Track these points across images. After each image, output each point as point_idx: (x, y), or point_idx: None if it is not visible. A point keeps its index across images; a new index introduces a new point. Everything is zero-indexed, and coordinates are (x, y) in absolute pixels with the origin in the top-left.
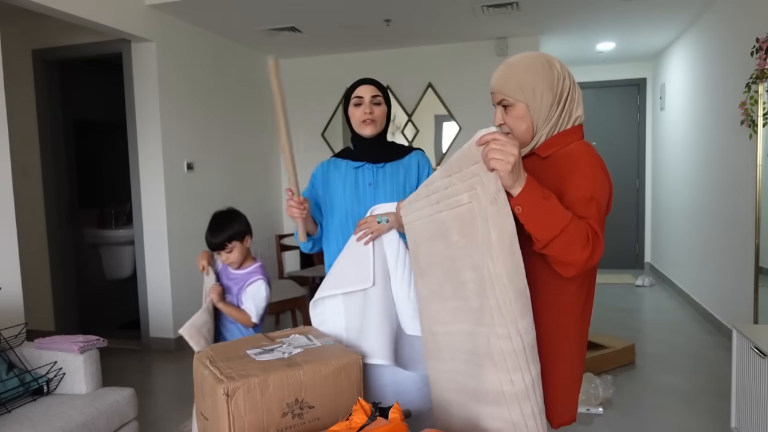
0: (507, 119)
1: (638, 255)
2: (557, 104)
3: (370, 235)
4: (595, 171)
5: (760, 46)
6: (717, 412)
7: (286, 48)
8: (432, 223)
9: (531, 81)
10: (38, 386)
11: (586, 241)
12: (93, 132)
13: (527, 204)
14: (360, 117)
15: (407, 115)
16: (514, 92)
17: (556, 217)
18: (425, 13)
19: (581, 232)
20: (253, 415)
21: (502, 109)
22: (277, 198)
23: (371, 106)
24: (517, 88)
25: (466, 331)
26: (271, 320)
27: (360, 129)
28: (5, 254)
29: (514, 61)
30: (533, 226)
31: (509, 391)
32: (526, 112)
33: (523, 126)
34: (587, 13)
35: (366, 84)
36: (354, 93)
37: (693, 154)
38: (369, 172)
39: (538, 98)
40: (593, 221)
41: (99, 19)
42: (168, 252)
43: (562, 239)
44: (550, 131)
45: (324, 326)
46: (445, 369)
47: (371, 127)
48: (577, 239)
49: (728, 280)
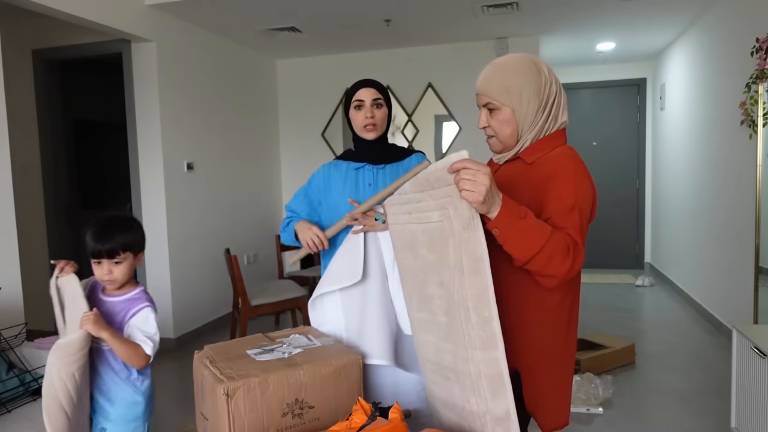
0: (492, 122)
1: (638, 255)
2: (543, 109)
3: (360, 227)
4: (579, 178)
5: (760, 46)
6: (717, 412)
7: (286, 48)
8: (404, 231)
9: (518, 85)
10: (38, 386)
11: (566, 253)
12: (93, 132)
13: (504, 226)
14: (362, 122)
15: (407, 115)
16: (500, 96)
17: (534, 236)
18: (425, 13)
19: (561, 246)
20: (253, 415)
21: (488, 112)
22: (277, 198)
23: (372, 110)
24: (503, 91)
25: (433, 344)
26: (271, 320)
27: (362, 133)
28: (5, 254)
29: (501, 63)
30: (512, 247)
31: (470, 409)
32: (512, 116)
33: (508, 130)
34: (587, 13)
35: (367, 87)
36: (355, 96)
37: (693, 154)
38: (369, 173)
39: (524, 103)
40: (574, 230)
41: (99, 19)
42: (168, 252)
43: (542, 256)
44: (535, 136)
45: (323, 327)
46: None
47: (373, 131)
48: (557, 253)
49: (728, 280)
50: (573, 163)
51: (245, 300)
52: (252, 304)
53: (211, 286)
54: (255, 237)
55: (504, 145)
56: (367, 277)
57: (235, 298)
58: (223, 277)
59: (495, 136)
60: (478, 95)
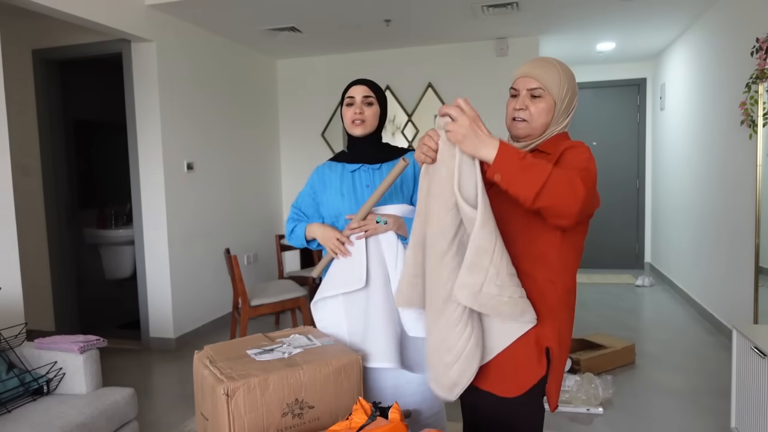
0: (531, 107)
1: (638, 255)
2: (569, 113)
3: (363, 233)
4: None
5: (760, 46)
6: (717, 412)
7: (286, 48)
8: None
9: (565, 83)
10: (38, 386)
11: (574, 184)
12: (93, 132)
13: (505, 168)
14: (350, 117)
15: (407, 115)
16: (551, 85)
17: (535, 172)
18: (425, 13)
19: (567, 178)
20: (253, 415)
21: (530, 97)
22: (277, 198)
23: (362, 106)
24: (555, 83)
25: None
26: (271, 320)
27: (350, 129)
28: (5, 254)
29: (552, 59)
30: (516, 186)
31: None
32: (552, 108)
33: (544, 119)
34: (587, 13)
35: (359, 84)
36: (347, 93)
37: (693, 154)
38: (366, 174)
39: (564, 101)
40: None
41: (99, 19)
42: (168, 252)
43: (548, 189)
44: (553, 131)
45: (327, 331)
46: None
47: (361, 127)
48: (564, 183)
49: (728, 280)
50: (587, 147)
51: (245, 300)
52: (252, 304)
53: (211, 286)
54: (255, 237)
55: (531, 132)
56: (370, 282)
57: (235, 298)
58: (223, 277)
59: (527, 121)
60: (524, 78)
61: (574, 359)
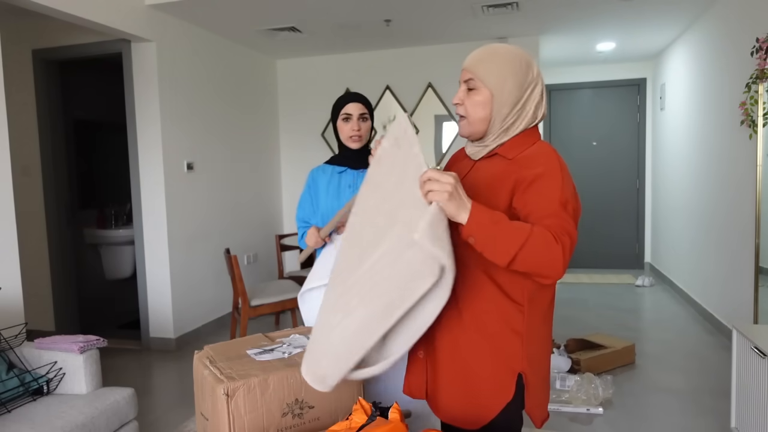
0: (466, 101)
1: (638, 255)
2: (520, 106)
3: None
4: (564, 176)
5: (760, 46)
6: (717, 412)
7: (286, 48)
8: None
9: (504, 73)
10: (38, 386)
11: (552, 243)
12: (93, 132)
13: (478, 232)
14: (348, 133)
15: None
16: (485, 76)
17: (508, 239)
18: (425, 13)
19: (544, 244)
20: (253, 415)
21: (466, 90)
22: (276, 198)
23: (359, 123)
24: (489, 73)
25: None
26: (271, 320)
27: (347, 143)
28: (5, 254)
29: (496, 47)
30: (489, 253)
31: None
32: (489, 101)
33: (481, 113)
34: (587, 13)
35: (354, 102)
36: (343, 109)
37: (693, 154)
38: (350, 176)
39: (505, 92)
40: (567, 223)
41: (99, 19)
42: (168, 252)
43: (523, 257)
44: (504, 132)
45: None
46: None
47: (358, 142)
48: (541, 252)
49: (728, 280)
50: (558, 160)
51: (245, 300)
52: (252, 304)
53: (211, 286)
54: (255, 237)
55: (472, 130)
56: None
57: (235, 298)
58: (223, 277)
59: (466, 117)
60: (463, 71)
61: (574, 359)
